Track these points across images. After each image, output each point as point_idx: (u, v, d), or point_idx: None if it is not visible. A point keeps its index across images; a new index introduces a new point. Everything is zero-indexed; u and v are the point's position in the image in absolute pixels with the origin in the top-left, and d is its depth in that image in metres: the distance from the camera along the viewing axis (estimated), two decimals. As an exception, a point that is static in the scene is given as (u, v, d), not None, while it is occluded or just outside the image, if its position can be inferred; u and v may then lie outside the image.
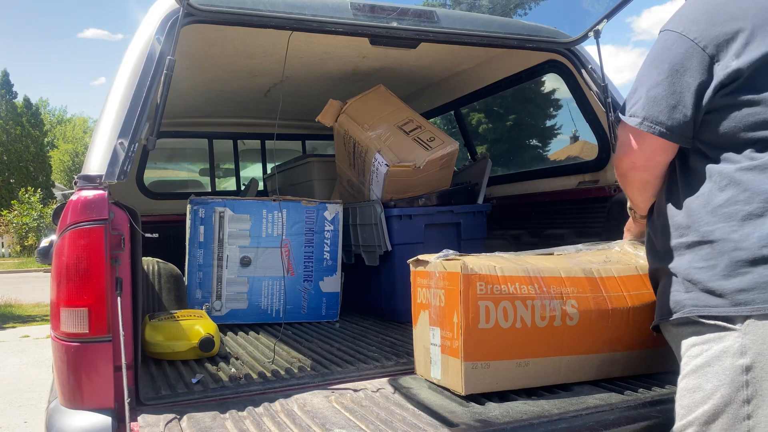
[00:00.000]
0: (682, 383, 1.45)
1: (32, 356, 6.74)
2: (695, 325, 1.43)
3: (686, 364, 1.44)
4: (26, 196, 24.29)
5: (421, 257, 2.07)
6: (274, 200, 3.17)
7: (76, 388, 1.75)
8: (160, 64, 1.97)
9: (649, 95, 1.48)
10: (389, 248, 3.08)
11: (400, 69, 3.46)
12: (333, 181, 3.84)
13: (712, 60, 1.41)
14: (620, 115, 1.56)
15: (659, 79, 1.47)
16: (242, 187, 4.88)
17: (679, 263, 1.47)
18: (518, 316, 1.87)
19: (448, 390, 1.92)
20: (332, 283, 3.25)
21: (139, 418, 1.73)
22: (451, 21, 2.52)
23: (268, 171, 5.06)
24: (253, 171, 5.58)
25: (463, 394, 1.82)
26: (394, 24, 2.39)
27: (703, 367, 1.38)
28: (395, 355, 2.38)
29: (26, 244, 24.34)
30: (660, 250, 1.55)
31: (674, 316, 1.47)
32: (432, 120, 4.24)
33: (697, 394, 1.39)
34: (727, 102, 1.41)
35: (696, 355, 1.41)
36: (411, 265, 2.13)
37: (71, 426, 1.71)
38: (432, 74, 3.67)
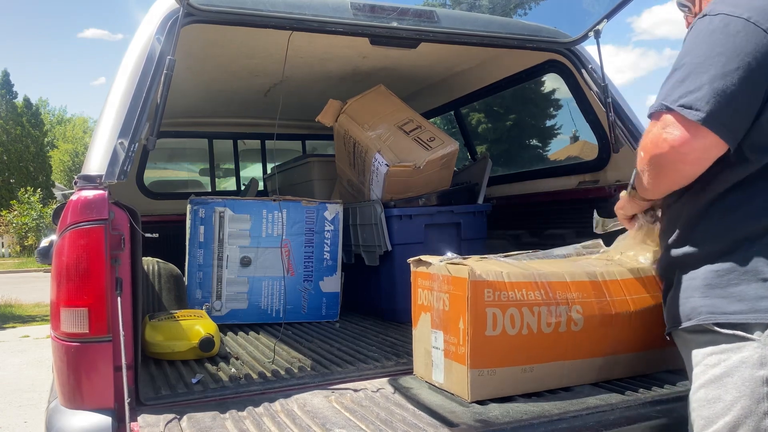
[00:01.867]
0: (701, 392, 1.40)
1: (32, 356, 6.74)
2: (711, 333, 1.38)
3: (703, 373, 1.39)
4: (25, 196, 24.28)
5: (422, 258, 2.06)
6: (274, 200, 3.17)
7: (76, 388, 1.75)
8: (160, 64, 1.97)
9: (714, 87, 1.27)
10: (389, 248, 3.08)
11: (400, 69, 3.46)
12: (333, 181, 3.84)
13: None
14: (665, 104, 1.33)
15: (726, 70, 1.27)
16: (242, 187, 4.87)
17: (700, 267, 1.40)
18: (525, 322, 1.85)
19: (449, 392, 1.92)
20: (332, 283, 3.25)
21: (139, 418, 1.72)
22: (451, 21, 2.52)
23: (268, 171, 5.06)
24: (253, 171, 5.58)
25: (468, 401, 1.82)
26: (395, 24, 2.38)
27: (723, 377, 1.34)
28: (395, 355, 2.37)
29: (26, 244, 24.34)
30: (680, 253, 1.47)
31: (689, 324, 1.41)
32: (432, 120, 4.24)
33: (717, 404, 1.35)
34: None
35: (714, 364, 1.36)
36: (412, 264, 2.12)
37: (71, 426, 1.71)
38: (432, 74, 3.67)
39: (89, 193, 1.78)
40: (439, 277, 1.95)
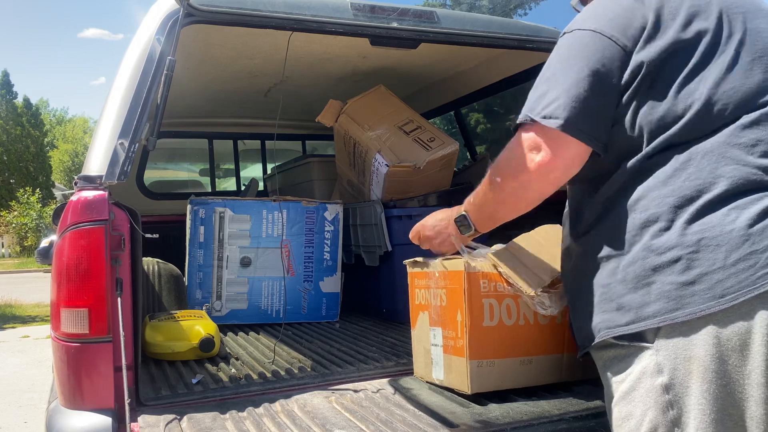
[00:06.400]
0: (615, 411, 1.36)
1: (32, 356, 6.75)
2: (614, 348, 1.36)
3: (615, 391, 1.36)
4: (24, 196, 24.29)
5: (417, 259, 2.07)
6: (274, 200, 3.17)
7: (76, 388, 1.75)
8: (161, 64, 1.97)
9: (570, 94, 1.33)
10: (389, 248, 3.08)
11: (400, 69, 3.46)
12: (333, 181, 3.83)
13: (629, 59, 1.34)
14: (530, 115, 1.38)
15: (579, 77, 1.33)
16: (242, 188, 4.88)
17: (598, 280, 1.39)
18: (521, 313, 1.87)
19: (450, 390, 1.92)
20: (332, 284, 3.25)
21: (139, 418, 1.73)
22: (451, 21, 2.52)
23: (268, 171, 5.06)
24: (253, 171, 5.58)
25: (469, 393, 1.82)
26: (395, 24, 2.38)
27: (630, 392, 1.31)
28: (395, 356, 2.37)
29: (26, 244, 24.37)
30: (582, 267, 1.46)
31: (594, 342, 1.40)
32: (432, 120, 4.24)
33: (630, 421, 1.31)
34: (631, 100, 1.35)
35: (621, 380, 1.34)
36: (407, 266, 2.13)
37: (71, 426, 1.71)
38: (432, 74, 3.67)
39: (89, 194, 1.78)
40: (435, 274, 1.96)
